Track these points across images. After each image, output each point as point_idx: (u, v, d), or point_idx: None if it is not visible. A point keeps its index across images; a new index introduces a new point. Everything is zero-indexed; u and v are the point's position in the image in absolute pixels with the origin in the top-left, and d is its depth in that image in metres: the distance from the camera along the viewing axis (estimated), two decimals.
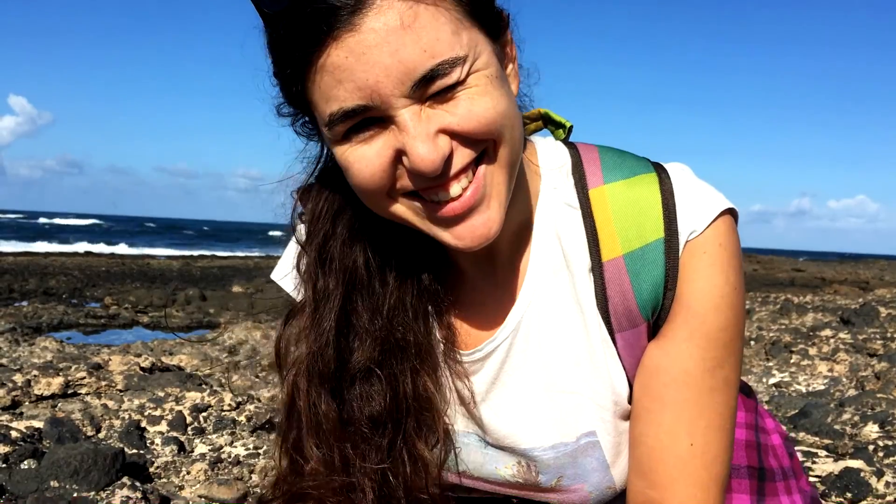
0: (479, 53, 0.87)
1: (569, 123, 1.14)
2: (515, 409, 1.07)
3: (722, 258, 0.97)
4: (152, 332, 11.90)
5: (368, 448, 1.04)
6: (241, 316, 12.86)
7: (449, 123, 0.86)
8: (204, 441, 3.46)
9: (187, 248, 46.59)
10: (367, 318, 1.03)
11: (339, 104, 0.85)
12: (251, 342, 8.18)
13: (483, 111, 0.87)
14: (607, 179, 1.02)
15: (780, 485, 1.17)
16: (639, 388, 1.02)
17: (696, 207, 0.97)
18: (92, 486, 2.60)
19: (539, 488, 1.10)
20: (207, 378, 5.20)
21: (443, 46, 0.83)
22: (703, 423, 0.98)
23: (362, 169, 0.89)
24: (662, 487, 0.99)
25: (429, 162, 0.85)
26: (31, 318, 11.98)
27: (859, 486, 2.81)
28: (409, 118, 0.85)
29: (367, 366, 1.03)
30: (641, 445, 1.01)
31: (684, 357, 0.98)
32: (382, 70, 0.82)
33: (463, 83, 0.86)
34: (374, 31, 0.81)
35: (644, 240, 0.98)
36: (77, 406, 3.78)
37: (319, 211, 1.06)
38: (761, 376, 5.54)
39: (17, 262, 24.87)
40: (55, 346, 7.03)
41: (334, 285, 1.03)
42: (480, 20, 0.90)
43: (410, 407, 1.04)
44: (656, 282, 0.98)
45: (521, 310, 1.05)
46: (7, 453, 2.85)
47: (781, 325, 8.43)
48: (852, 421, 3.74)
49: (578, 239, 1.02)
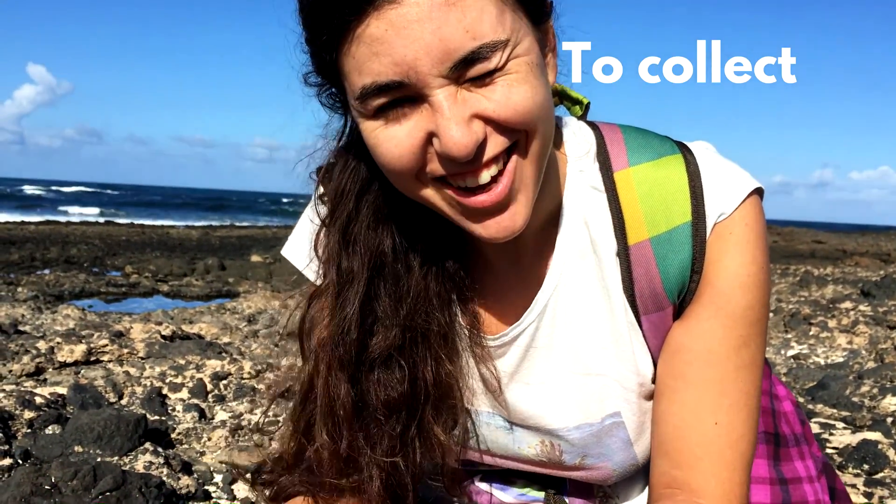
0: (522, 38, 0.85)
1: (586, 100, 1.12)
2: (541, 392, 1.07)
3: (749, 238, 0.96)
4: (172, 300, 12.02)
5: (381, 435, 1.02)
6: (260, 285, 12.95)
7: (485, 109, 0.84)
8: (224, 408, 3.51)
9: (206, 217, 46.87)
10: (391, 303, 1.02)
11: (373, 77, 0.82)
12: (270, 311, 8.25)
13: (521, 100, 0.84)
14: (632, 162, 1.01)
15: (794, 450, 1.17)
16: (662, 366, 1.02)
17: (724, 190, 0.96)
18: (115, 451, 2.64)
19: (563, 466, 1.11)
20: (227, 346, 5.25)
21: (486, 28, 0.80)
22: (727, 402, 0.97)
23: (391, 149, 0.87)
24: (687, 467, 0.98)
25: (462, 146, 0.82)
26: (53, 286, 12.13)
27: (876, 458, 2.81)
28: (445, 99, 0.82)
29: (387, 352, 1.01)
30: (665, 424, 1.01)
31: (708, 336, 0.97)
32: (422, 47, 0.79)
33: (502, 69, 0.83)
34: (418, 6, 0.78)
35: (671, 223, 0.97)
36: (99, 373, 3.84)
37: (343, 189, 1.03)
38: (780, 348, 5.52)
39: (38, 230, 25.14)
40: (77, 313, 7.12)
41: (358, 268, 1.01)
42: (525, 3, 0.87)
43: (430, 394, 1.03)
44: (683, 265, 0.97)
45: (546, 294, 1.04)
46: (32, 419, 2.90)
47: (801, 297, 8.39)
48: (871, 393, 3.72)
49: (605, 223, 1.01)
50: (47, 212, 42.65)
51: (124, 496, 2.17)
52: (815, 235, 36.57)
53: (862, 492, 2.61)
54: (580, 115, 1.12)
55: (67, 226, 28.98)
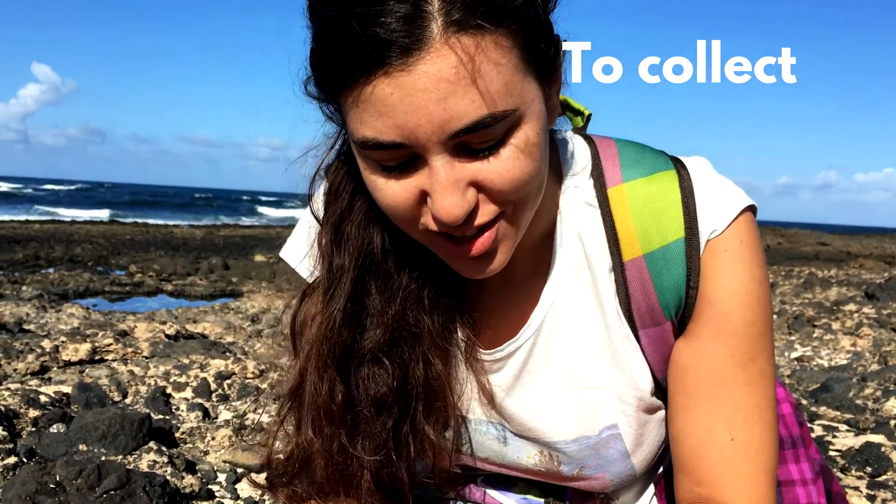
0: (530, 104, 0.84)
1: (587, 111, 1.12)
2: (538, 405, 1.07)
3: (744, 255, 0.96)
4: (176, 299, 12.03)
5: (369, 433, 1.02)
6: (264, 285, 12.96)
7: (484, 178, 0.83)
8: (228, 408, 3.52)
9: (210, 216, 46.91)
10: (381, 302, 1.02)
11: (374, 133, 0.81)
12: (273, 311, 8.26)
13: (520, 174, 0.83)
14: (626, 178, 1.01)
15: (789, 453, 1.17)
16: (672, 386, 1.02)
17: (717, 206, 0.96)
18: (119, 450, 2.65)
19: (561, 477, 1.11)
20: (231, 346, 5.26)
21: (493, 99, 0.79)
22: (740, 418, 0.97)
23: (387, 198, 0.87)
24: (710, 484, 0.98)
25: (453, 216, 0.83)
26: (57, 285, 12.16)
27: (879, 460, 2.81)
28: (442, 167, 0.82)
29: (377, 349, 1.01)
30: (682, 444, 1.01)
31: (713, 355, 0.97)
32: (425, 115, 0.78)
33: (506, 138, 0.82)
34: (427, 76, 0.77)
35: (664, 240, 0.97)
36: (104, 372, 3.85)
37: (337, 187, 1.03)
38: (783, 350, 5.51)
39: (42, 229, 25.20)
40: (82, 312, 7.14)
41: (348, 265, 1.02)
42: (537, 66, 0.85)
43: (420, 393, 1.03)
44: (678, 282, 0.97)
45: (543, 310, 1.04)
46: (36, 417, 2.91)
47: (805, 300, 8.37)
48: (874, 396, 3.72)
49: (599, 238, 1.01)
50: (51, 211, 42.74)
51: (129, 495, 2.17)
52: (820, 237, 36.50)
53: (865, 494, 2.61)
54: (581, 125, 1.12)
55: (71, 225, 29.03)
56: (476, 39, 0.77)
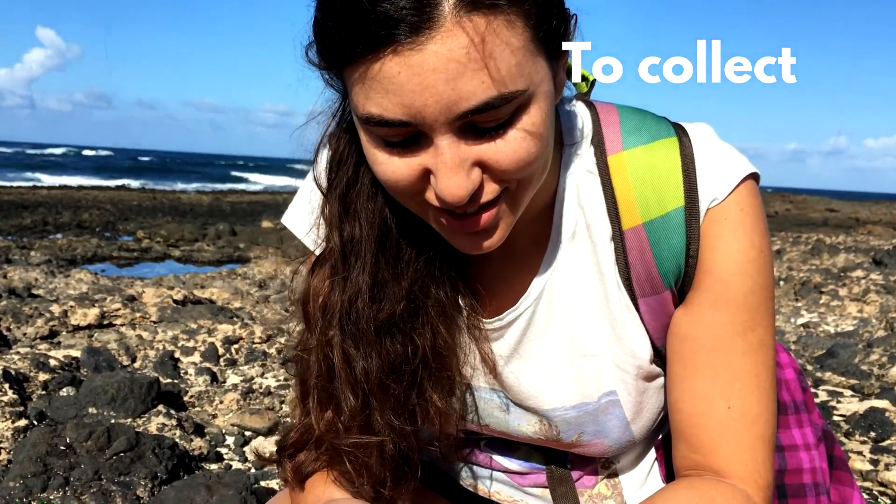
0: (539, 84, 0.82)
1: (592, 77, 1.10)
2: (538, 374, 1.07)
3: (745, 222, 0.95)
4: (184, 265, 12.09)
5: (382, 403, 1.03)
6: (271, 251, 13.01)
7: (489, 159, 0.82)
8: (236, 372, 3.55)
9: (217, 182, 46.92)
10: (391, 273, 1.01)
11: (380, 111, 0.80)
12: (280, 276, 8.29)
13: (526, 154, 0.83)
14: (626, 145, 1.00)
15: (792, 418, 1.17)
16: (670, 354, 1.01)
17: (717, 175, 0.95)
18: (129, 413, 2.68)
19: (560, 443, 1.12)
20: (238, 311, 5.30)
21: (502, 79, 0.77)
22: (738, 386, 0.97)
23: (388, 173, 0.86)
24: (707, 452, 0.99)
25: (457, 197, 0.82)
26: (65, 250, 12.22)
27: (883, 425, 2.82)
28: (448, 146, 0.81)
29: (391, 321, 1.02)
30: (679, 412, 1.01)
31: (712, 323, 0.97)
32: (433, 95, 0.77)
33: (514, 119, 0.81)
34: (437, 56, 0.75)
35: (664, 208, 0.96)
36: (112, 336, 3.88)
37: (340, 156, 1.02)
38: (790, 316, 5.52)
39: (50, 195, 25.27)
40: (90, 277, 7.18)
41: (364, 236, 1.01)
42: (547, 44, 0.83)
43: (429, 363, 1.03)
44: (677, 251, 0.97)
45: (543, 279, 1.04)
46: (46, 381, 2.95)
47: (812, 266, 8.36)
48: (880, 362, 3.72)
49: (599, 206, 1.00)
50: (58, 175, 42.80)
51: (138, 457, 2.20)
52: (829, 203, 36.33)
53: (868, 458, 2.63)
54: (585, 90, 1.11)
55: (79, 190, 29.10)
56: (488, 19, 0.76)
